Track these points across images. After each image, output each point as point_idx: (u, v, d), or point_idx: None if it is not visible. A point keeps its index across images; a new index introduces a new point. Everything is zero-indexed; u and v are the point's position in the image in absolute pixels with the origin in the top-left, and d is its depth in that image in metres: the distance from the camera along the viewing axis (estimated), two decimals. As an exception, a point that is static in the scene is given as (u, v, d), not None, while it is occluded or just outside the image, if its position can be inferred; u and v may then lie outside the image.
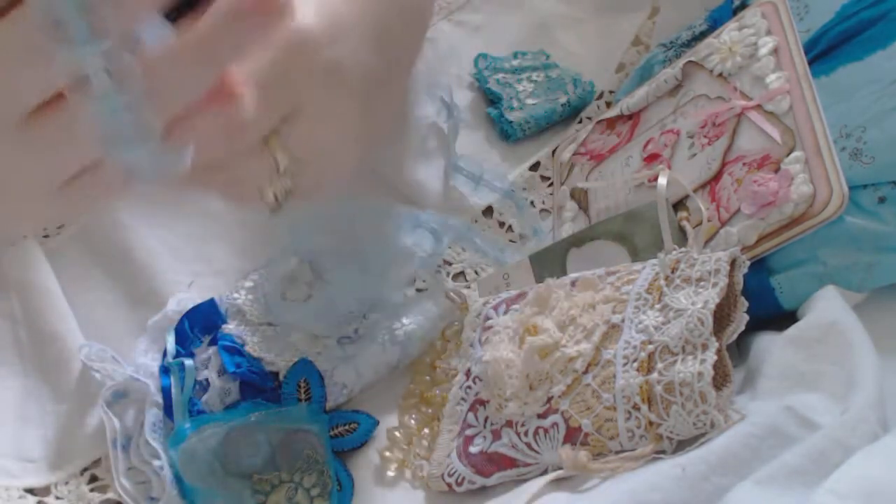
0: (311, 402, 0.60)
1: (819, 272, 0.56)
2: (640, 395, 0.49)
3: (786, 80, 0.60)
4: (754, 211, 0.57)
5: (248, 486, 0.56)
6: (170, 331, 0.62)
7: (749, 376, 0.53)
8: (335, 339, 0.63)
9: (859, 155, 0.56)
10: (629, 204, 0.66)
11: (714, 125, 0.63)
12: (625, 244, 0.62)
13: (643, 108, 0.71)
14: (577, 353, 0.53)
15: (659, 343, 0.50)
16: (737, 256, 0.53)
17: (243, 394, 0.60)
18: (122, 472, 0.58)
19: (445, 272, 0.71)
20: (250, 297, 0.64)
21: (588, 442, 0.51)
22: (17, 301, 0.66)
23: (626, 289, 0.55)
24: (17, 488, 0.59)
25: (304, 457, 0.57)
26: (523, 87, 0.81)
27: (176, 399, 0.59)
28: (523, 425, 0.53)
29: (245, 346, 0.62)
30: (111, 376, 0.60)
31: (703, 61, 0.67)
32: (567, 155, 0.75)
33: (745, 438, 0.46)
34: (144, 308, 0.65)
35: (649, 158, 0.67)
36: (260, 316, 0.63)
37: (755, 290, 0.56)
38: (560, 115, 0.80)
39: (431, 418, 0.61)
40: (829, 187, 0.55)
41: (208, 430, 0.57)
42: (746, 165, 0.59)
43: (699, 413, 0.48)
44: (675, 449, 0.49)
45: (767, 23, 0.64)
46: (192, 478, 0.56)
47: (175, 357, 0.60)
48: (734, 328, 0.52)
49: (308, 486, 0.57)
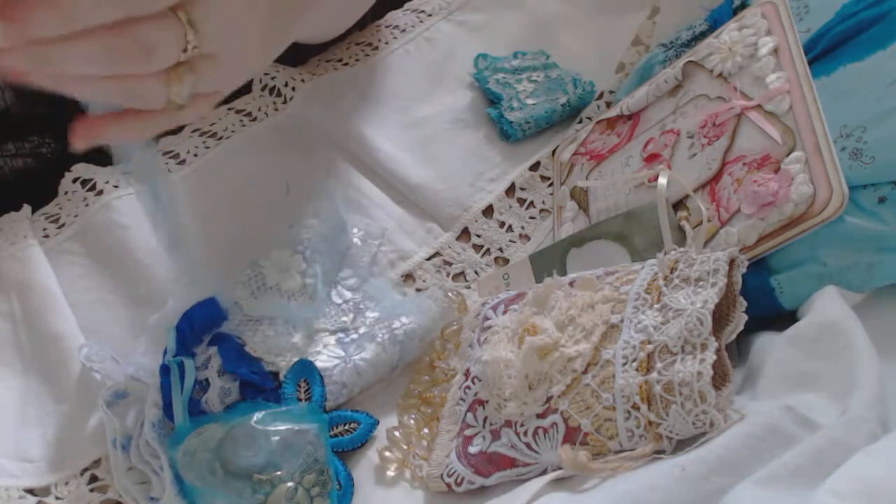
0: (311, 402, 0.60)
1: (819, 272, 0.56)
2: (639, 394, 0.49)
3: (786, 80, 0.60)
4: (754, 211, 0.57)
5: (248, 486, 0.56)
6: (170, 330, 0.62)
7: (749, 376, 0.53)
8: (335, 338, 0.63)
9: (859, 155, 0.56)
10: (629, 204, 0.66)
11: (714, 125, 0.63)
12: (625, 244, 0.62)
13: (643, 108, 0.71)
14: (576, 353, 0.53)
15: (658, 343, 0.50)
16: (735, 256, 0.54)
17: (243, 394, 0.60)
18: (122, 472, 0.58)
19: (445, 272, 0.71)
20: (245, 290, 0.64)
21: (587, 442, 0.51)
22: (17, 301, 0.66)
23: (626, 289, 0.55)
24: (17, 488, 0.59)
25: (304, 457, 0.57)
26: (523, 87, 0.81)
27: (176, 399, 0.59)
28: (522, 425, 0.53)
29: (245, 346, 0.62)
30: (111, 376, 0.60)
31: (703, 61, 0.67)
32: (567, 155, 0.75)
33: (745, 438, 0.46)
34: (144, 308, 0.65)
35: (649, 158, 0.67)
36: (255, 308, 0.63)
37: (755, 289, 0.56)
38: (560, 116, 0.80)
39: (431, 418, 0.61)
40: (829, 187, 0.55)
41: (208, 430, 0.57)
42: (746, 165, 0.59)
43: (699, 413, 0.48)
44: (674, 449, 0.49)
45: (767, 23, 0.64)
46: (192, 478, 0.56)
47: (175, 356, 0.60)
48: (733, 328, 0.52)
49: (308, 486, 0.57)
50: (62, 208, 0.71)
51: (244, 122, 0.78)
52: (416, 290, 0.70)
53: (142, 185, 0.57)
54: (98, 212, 0.69)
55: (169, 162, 0.74)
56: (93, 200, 0.70)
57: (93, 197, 0.70)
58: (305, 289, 0.65)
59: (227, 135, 0.76)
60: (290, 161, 0.76)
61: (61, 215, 0.70)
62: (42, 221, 0.70)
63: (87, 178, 0.71)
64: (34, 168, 0.74)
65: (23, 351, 0.65)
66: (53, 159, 0.74)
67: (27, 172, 0.74)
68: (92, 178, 0.71)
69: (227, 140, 0.76)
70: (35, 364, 0.64)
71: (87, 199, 0.70)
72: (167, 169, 0.73)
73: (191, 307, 0.63)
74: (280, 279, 0.65)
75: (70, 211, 0.70)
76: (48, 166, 0.73)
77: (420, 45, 0.86)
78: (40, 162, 0.74)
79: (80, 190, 0.71)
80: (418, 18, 0.87)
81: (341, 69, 0.82)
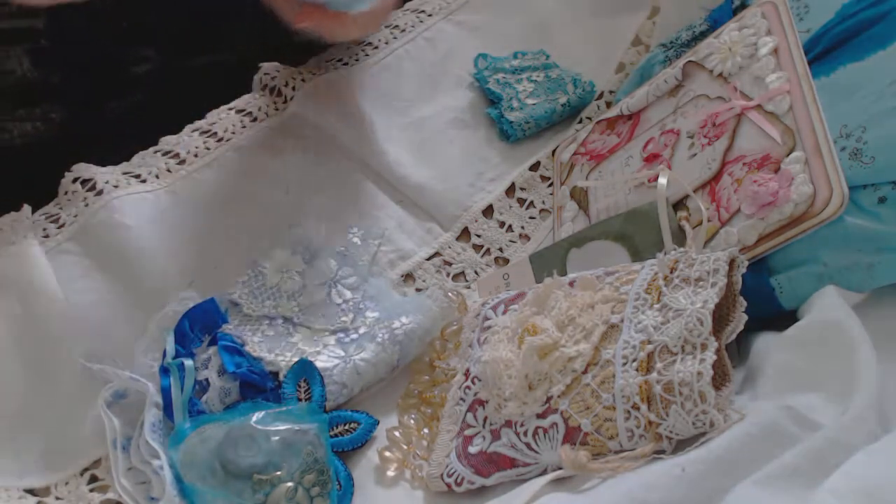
0: (311, 402, 0.60)
1: (819, 272, 0.56)
2: (639, 394, 0.49)
3: (786, 80, 0.60)
4: (754, 211, 0.57)
5: (248, 486, 0.56)
6: (169, 331, 0.62)
7: (749, 376, 0.53)
8: (335, 338, 0.63)
9: (859, 155, 0.56)
10: (629, 204, 0.66)
11: (714, 125, 0.63)
12: (625, 244, 0.62)
13: (643, 108, 0.71)
14: (576, 353, 0.53)
15: (658, 343, 0.50)
16: (735, 256, 0.53)
17: (243, 394, 0.60)
18: (122, 472, 0.58)
19: (445, 272, 0.71)
20: (245, 290, 0.64)
21: (587, 442, 0.51)
22: (18, 301, 0.66)
23: (625, 289, 0.55)
24: (17, 488, 0.59)
25: (304, 457, 0.57)
26: (523, 87, 0.81)
27: (176, 399, 0.59)
28: (522, 425, 0.53)
29: (245, 346, 0.62)
30: (111, 377, 0.60)
31: (703, 61, 0.67)
32: (567, 155, 0.75)
33: (745, 438, 0.46)
34: (144, 308, 0.65)
35: (649, 158, 0.67)
36: (255, 308, 0.63)
37: (755, 290, 0.56)
38: (560, 116, 0.80)
39: (431, 418, 0.61)
40: (829, 187, 0.55)
41: (208, 430, 0.57)
42: (746, 165, 0.59)
43: (699, 413, 0.48)
44: (674, 449, 0.48)
45: (767, 23, 0.64)
46: (192, 478, 0.56)
47: (175, 357, 0.60)
48: (733, 328, 0.52)
49: (308, 486, 0.57)
50: (62, 208, 0.70)
51: (244, 122, 0.78)
52: (416, 290, 0.70)
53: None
54: (98, 212, 0.69)
55: (169, 162, 0.74)
56: (93, 200, 0.70)
57: (93, 197, 0.70)
58: (305, 289, 0.65)
59: (227, 135, 0.76)
60: (291, 161, 0.75)
61: (61, 215, 0.70)
62: (42, 221, 0.70)
63: (87, 178, 0.71)
64: (42, 133, 0.74)
65: (23, 351, 0.65)
66: (62, 125, 0.75)
67: (36, 137, 0.74)
68: (92, 178, 0.71)
69: (227, 140, 0.76)
70: (35, 364, 0.64)
71: (87, 199, 0.70)
72: (167, 168, 0.73)
73: (191, 308, 0.63)
74: (280, 279, 0.65)
75: (70, 211, 0.70)
76: (56, 132, 0.74)
77: (420, 45, 0.86)
78: (49, 127, 0.74)
79: (80, 190, 0.71)
80: (418, 18, 0.87)
81: (341, 69, 0.82)
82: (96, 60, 0.75)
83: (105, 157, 0.73)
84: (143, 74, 0.78)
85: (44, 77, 0.73)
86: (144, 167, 0.73)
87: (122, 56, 0.77)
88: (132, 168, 0.73)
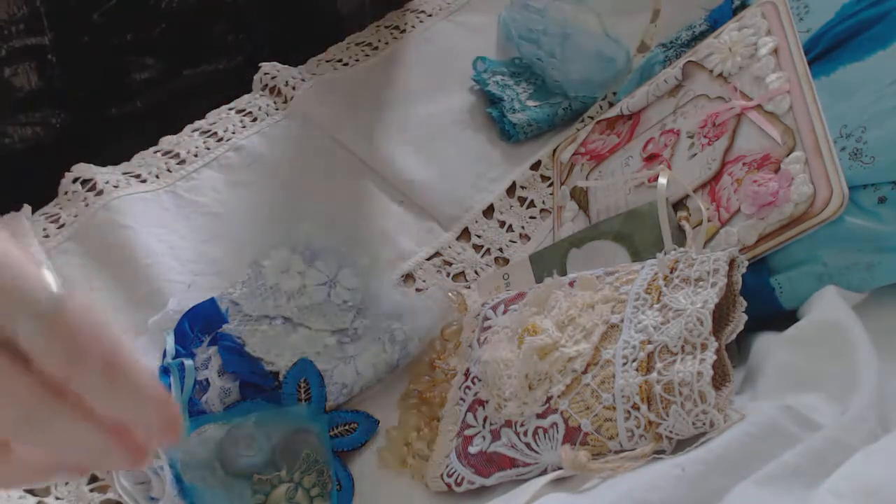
0: (311, 402, 0.60)
1: (819, 272, 0.56)
2: (639, 394, 0.49)
3: (786, 80, 0.60)
4: (754, 211, 0.57)
5: (248, 486, 0.56)
6: (169, 331, 0.62)
7: (749, 376, 0.53)
8: (335, 338, 0.63)
9: (859, 155, 0.56)
10: (629, 204, 0.66)
11: (714, 125, 0.63)
12: (625, 244, 0.62)
13: (643, 108, 0.71)
14: (576, 353, 0.53)
15: (658, 343, 0.50)
16: (735, 256, 0.53)
17: (243, 394, 0.60)
18: (122, 472, 0.58)
19: (445, 272, 0.71)
20: (245, 290, 0.64)
21: (588, 442, 0.51)
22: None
23: (625, 289, 0.55)
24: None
25: (304, 457, 0.57)
26: (523, 89, 0.81)
27: (176, 399, 0.59)
28: (522, 425, 0.53)
29: (245, 346, 0.62)
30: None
31: (703, 61, 0.67)
32: (567, 155, 0.75)
33: (745, 438, 0.46)
34: (144, 308, 0.65)
35: (649, 158, 0.67)
36: (255, 308, 0.63)
37: (755, 290, 0.56)
38: (562, 119, 0.80)
39: (431, 418, 0.61)
40: (829, 187, 0.55)
41: (208, 430, 0.57)
42: (746, 165, 0.59)
43: (699, 413, 0.48)
44: (674, 449, 0.48)
45: (767, 23, 0.64)
46: (192, 478, 0.56)
47: (175, 357, 0.60)
48: (733, 328, 0.52)
49: (308, 486, 0.57)
50: (62, 208, 0.70)
51: (244, 122, 0.78)
52: (416, 290, 0.70)
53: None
54: (98, 212, 0.69)
55: (169, 162, 0.74)
56: (93, 200, 0.70)
57: (93, 197, 0.70)
58: (305, 289, 0.65)
59: (227, 135, 0.76)
60: (291, 161, 0.76)
61: (61, 215, 0.70)
62: (42, 221, 0.70)
63: (88, 178, 0.71)
64: (42, 138, 0.74)
65: (23, 351, 0.64)
66: (62, 129, 0.75)
67: (36, 141, 0.74)
68: (92, 178, 0.71)
69: (227, 140, 0.76)
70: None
71: (87, 199, 0.70)
72: (167, 168, 0.73)
73: (191, 308, 0.63)
74: (280, 279, 0.65)
75: (70, 211, 0.70)
76: (56, 137, 0.74)
77: (420, 45, 0.86)
78: (49, 132, 0.74)
79: (80, 190, 0.71)
80: (418, 19, 0.87)
81: (341, 69, 0.82)
82: (99, 69, 0.75)
83: (105, 159, 0.73)
84: (144, 81, 0.79)
85: (47, 85, 0.73)
86: (144, 167, 0.73)
87: (123, 64, 0.77)
88: (132, 168, 0.73)
